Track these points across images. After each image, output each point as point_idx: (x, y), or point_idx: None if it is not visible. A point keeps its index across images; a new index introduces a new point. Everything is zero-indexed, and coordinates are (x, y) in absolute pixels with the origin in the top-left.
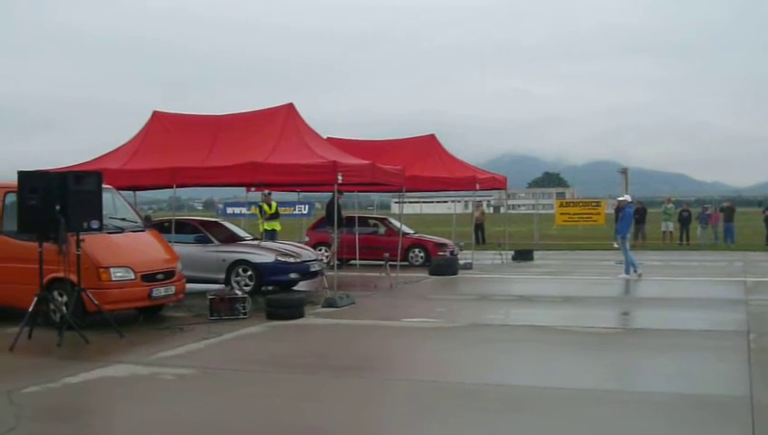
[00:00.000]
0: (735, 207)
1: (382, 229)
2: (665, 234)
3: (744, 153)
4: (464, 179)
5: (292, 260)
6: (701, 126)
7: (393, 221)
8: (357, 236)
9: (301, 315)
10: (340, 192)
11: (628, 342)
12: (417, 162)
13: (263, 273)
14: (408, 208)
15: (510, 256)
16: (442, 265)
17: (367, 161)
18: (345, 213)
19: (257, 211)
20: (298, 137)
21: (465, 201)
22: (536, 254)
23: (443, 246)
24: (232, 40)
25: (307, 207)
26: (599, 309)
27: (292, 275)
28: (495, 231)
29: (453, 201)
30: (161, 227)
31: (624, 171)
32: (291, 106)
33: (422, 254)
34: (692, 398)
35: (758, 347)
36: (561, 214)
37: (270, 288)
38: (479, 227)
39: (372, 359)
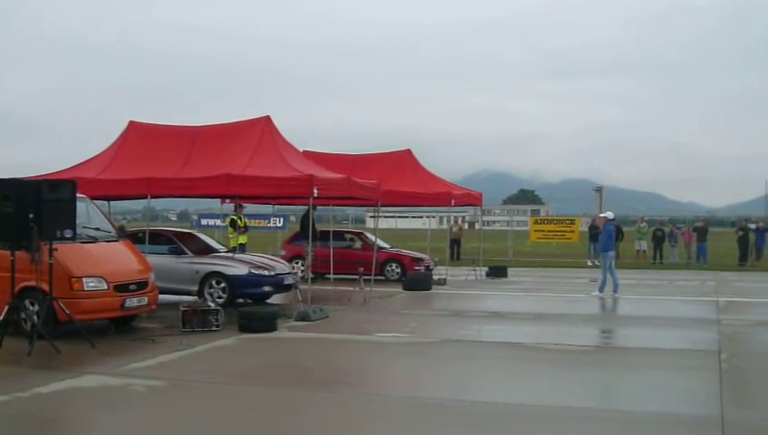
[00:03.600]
0: (709, 227)
1: (358, 244)
2: (638, 252)
3: (718, 174)
4: (439, 195)
5: (265, 273)
6: (677, 146)
7: (369, 235)
8: (332, 250)
9: (273, 329)
10: (315, 206)
11: (601, 360)
12: (393, 177)
13: (236, 285)
14: (383, 223)
15: (484, 273)
16: (416, 280)
17: (342, 175)
18: (320, 227)
19: (229, 224)
20: (274, 150)
21: (440, 217)
22: (510, 271)
23: (419, 260)
24: (217, 49)
25: (282, 220)
26: (572, 327)
27: (266, 288)
28: (470, 247)
29: (428, 216)
30: (135, 238)
31: (599, 190)
32: (268, 119)
33: (398, 269)
34: (665, 417)
35: (729, 367)
36: (536, 231)
37: (242, 301)
38: (455, 243)
39: (346, 373)
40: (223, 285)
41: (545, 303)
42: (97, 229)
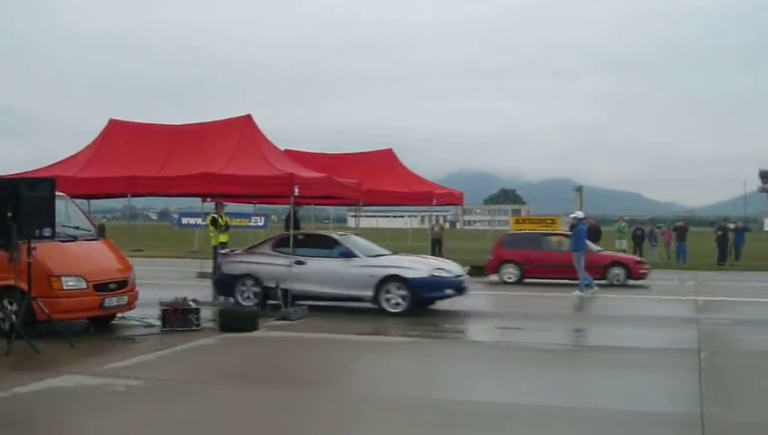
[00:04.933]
0: (688, 226)
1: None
2: (618, 252)
3: (698, 173)
4: (420, 194)
5: (446, 275)
6: (657, 146)
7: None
8: None
9: (255, 328)
10: (298, 205)
11: (582, 358)
12: (375, 176)
13: (417, 289)
14: (365, 222)
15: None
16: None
17: (324, 174)
18: (304, 226)
19: (209, 223)
20: (255, 148)
21: (422, 216)
22: None
23: None
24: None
25: (263, 219)
26: (554, 326)
27: (448, 291)
28: (451, 246)
29: (409, 216)
30: (297, 241)
31: (579, 189)
32: (248, 118)
33: None
34: (647, 416)
35: (709, 366)
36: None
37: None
38: (437, 242)
39: (328, 372)
40: (402, 289)
41: (527, 302)
42: (76, 228)
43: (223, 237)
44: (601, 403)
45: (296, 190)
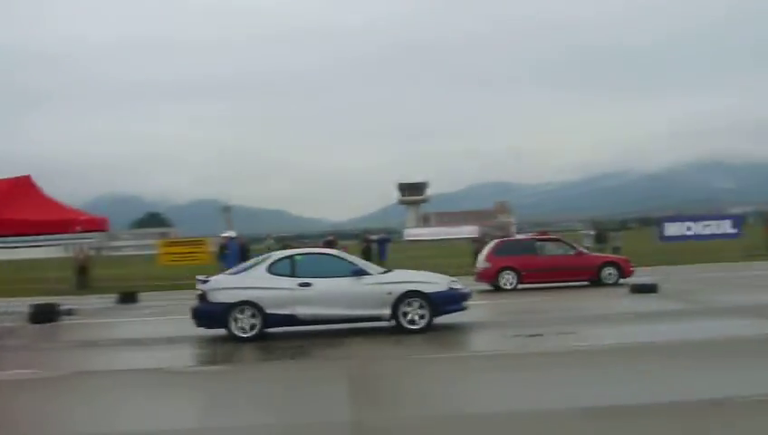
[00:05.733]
0: (338, 240)
1: None
2: None
3: (342, 188)
4: (61, 222)
5: (460, 287)
6: (302, 164)
7: None
8: None
9: None
10: None
11: (224, 378)
12: (10, 205)
13: (438, 304)
14: (2, 254)
15: (114, 300)
16: (41, 311)
17: None
18: None
19: None
20: None
21: (65, 244)
22: (141, 295)
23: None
24: None
25: None
26: (201, 348)
27: (464, 304)
28: (99, 274)
29: (51, 245)
30: (292, 261)
31: (227, 209)
32: None
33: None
34: (301, 427)
35: (359, 374)
36: (166, 254)
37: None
38: (83, 271)
39: None
40: (423, 305)
41: (175, 326)
42: None
43: None
44: (254, 419)
45: None
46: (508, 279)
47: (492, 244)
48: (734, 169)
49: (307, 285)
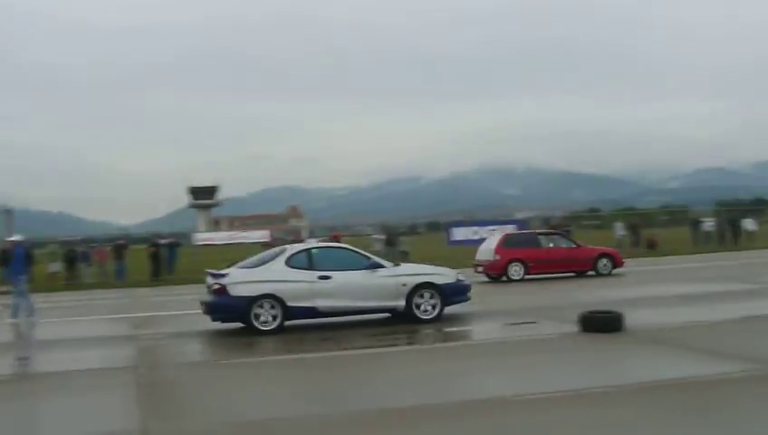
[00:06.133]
0: (128, 244)
1: None
2: (52, 274)
3: (128, 192)
4: None
5: (464, 279)
6: (85, 166)
7: None
8: None
9: None
10: None
11: (24, 389)
12: None
13: (448, 295)
14: None
15: None
16: None
17: None
18: None
19: None
20: None
21: None
22: None
23: None
24: None
25: None
26: None
27: (469, 295)
28: None
29: None
30: (309, 254)
31: (8, 212)
32: None
33: None
34: None
35: (147, 381)
36: None
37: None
38: None
39: None
40: (434, 296)
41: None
42: None
43: None
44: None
45: None
46: (517, 270)
47: (500, 237)
48: (520, 176)
49: (326, 277)
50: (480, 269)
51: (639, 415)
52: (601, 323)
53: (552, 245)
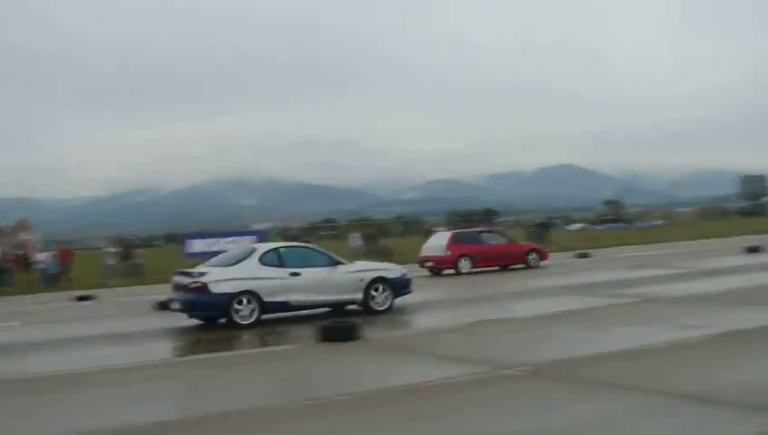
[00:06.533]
0: None
1: None
2: None
3: None
4: None
5: (408, 273)
6: None
7: None
8: None
9: None
10: None
11: None
12: None
13: (397, 288)
14: None
15: None
16: None
17: None
18: None
19: None
20: None
21: None
22: None
23: None
24: None
25: None
26: None
27: (412, 288)
28: None
29: None
30: (278, 253)
31: None
32: None
33: None
34: None
35: None
36: None
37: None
38: None
39: None
40: (386, 289)
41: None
42: None
43: None
44: None
45: None
46: (465, 264)
47: (449, 235)
48: (257, 187)
49: (297, 274)
50: (429, 264)
51: (355, 423)
52: (339, 333)
53: (492, 241)
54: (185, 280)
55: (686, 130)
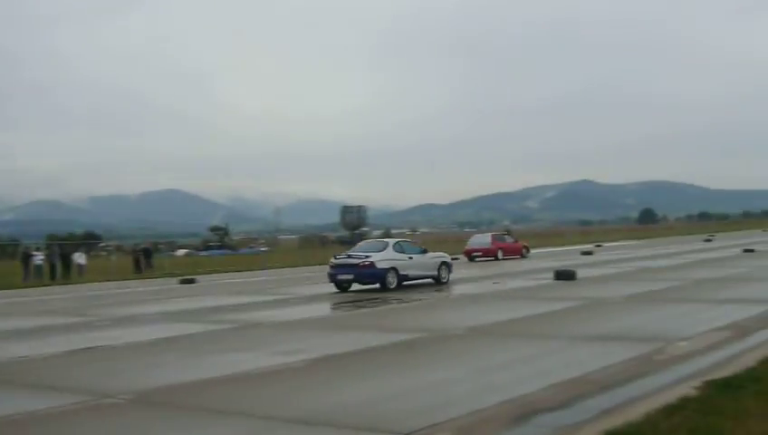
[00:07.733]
0: None
1: None
2: None
3: None
4: None
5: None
6: None
7: None
8: None
9: None
10: None
11: None
12: None
13: (450, 268)
14: None
15: None
16: None
17: None
18: None
19: None
20: None
21: None
22: None
23: None
24: None
25: None
26: None
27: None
28: None
29: None
30: (400, 245)
31: None
32: None
33: None
34: None
35: None
36: None
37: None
38: None
39: None
40: (448, 269)
41: None
42: None
43: None
44: None
45: None
46: (501, 254)
47: (490, 236)
48: None
49: (411, 258)
50: (478, 254)
51: None
52: None
53: (510, 240)
54: (348, 260)
55: (297, 158)
